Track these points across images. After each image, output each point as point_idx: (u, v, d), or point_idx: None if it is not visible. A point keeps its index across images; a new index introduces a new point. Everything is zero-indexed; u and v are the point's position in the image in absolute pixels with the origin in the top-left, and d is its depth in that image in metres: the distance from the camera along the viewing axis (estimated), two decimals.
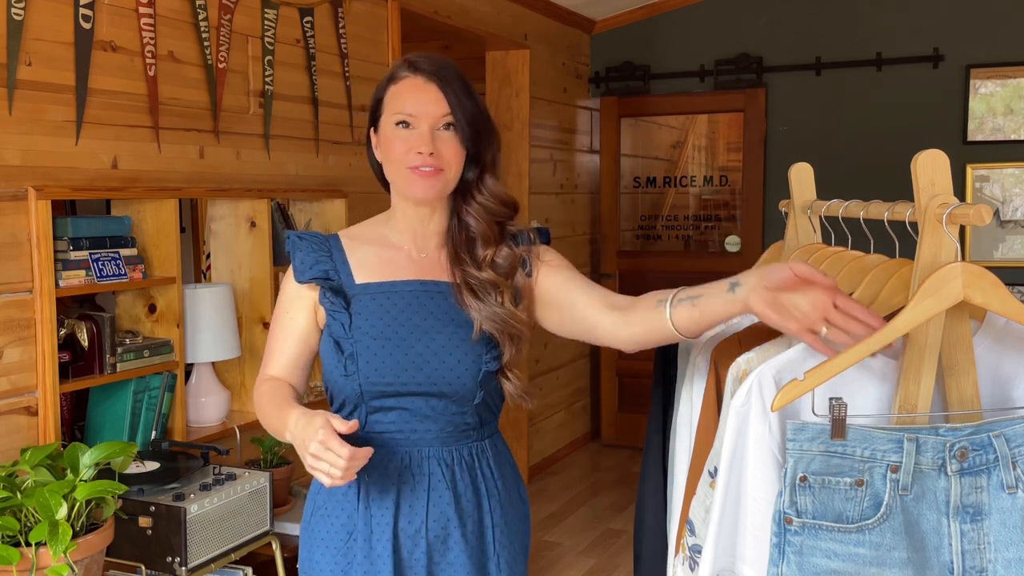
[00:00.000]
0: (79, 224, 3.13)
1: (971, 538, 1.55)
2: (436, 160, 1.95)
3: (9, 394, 2.87)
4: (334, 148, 4.26)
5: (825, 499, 1.59)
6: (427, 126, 1.95)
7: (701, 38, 6.72)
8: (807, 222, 2.59)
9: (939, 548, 1.57)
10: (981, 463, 1.57)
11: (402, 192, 2.02)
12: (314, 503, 2.08)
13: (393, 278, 2.02)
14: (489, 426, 2.09)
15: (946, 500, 1.58)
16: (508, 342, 1.99)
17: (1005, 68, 5.95)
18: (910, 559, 1.56)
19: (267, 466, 3.53)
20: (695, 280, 1.95)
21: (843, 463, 1.60)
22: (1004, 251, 6.02)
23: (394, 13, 4.68)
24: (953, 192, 1.83)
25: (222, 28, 3.61)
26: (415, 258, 2.06)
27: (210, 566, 2.92)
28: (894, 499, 1.58)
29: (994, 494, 1.56)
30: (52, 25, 2.97)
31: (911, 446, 1.58)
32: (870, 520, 1.58)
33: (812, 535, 1.59)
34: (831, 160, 6.19)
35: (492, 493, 2.06)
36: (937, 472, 1.58)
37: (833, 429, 1.60)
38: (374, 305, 1.99)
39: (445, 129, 1.97)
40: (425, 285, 2.02)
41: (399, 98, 1.99)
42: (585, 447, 7.20)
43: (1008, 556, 1.54)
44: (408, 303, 1.99)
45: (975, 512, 1.56)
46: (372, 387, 1.94)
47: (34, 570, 2.34)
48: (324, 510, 2.04)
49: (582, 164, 6.98)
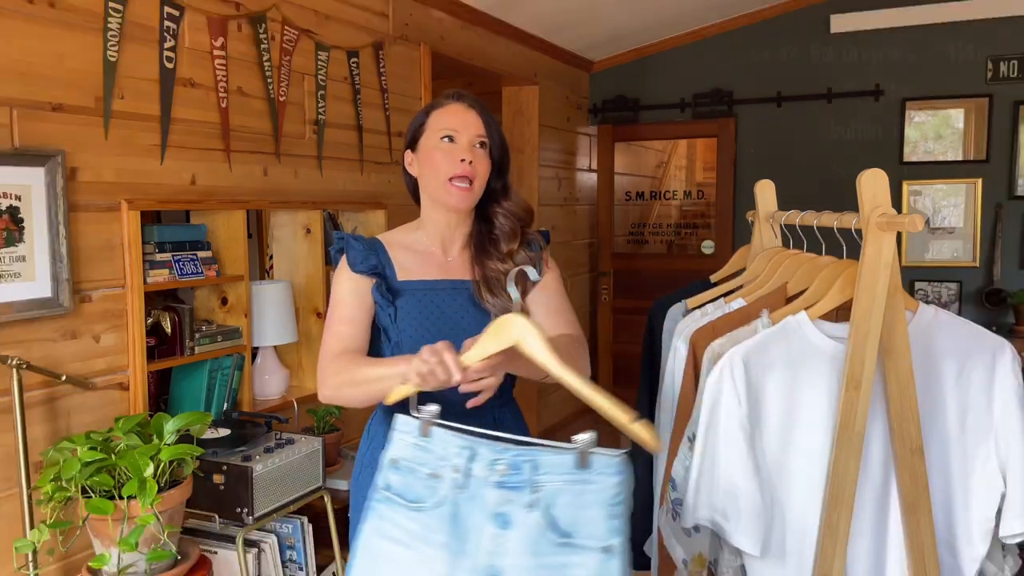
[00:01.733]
0: (163, 231, 3.14)
1: (498, 542, 1.56)
2: (472, 170, 1.97)
3: (105, 372, 2.87)
4: (375, 168, 4.25)
5: (408, 480, 1.63)
6: (467, 140, 1.99)
7: (682, 76, 6.70)
8: (770, 229, 2.58)
9: (474, 543, 1.57)
10: (514, 482, 1.58)
11: (440, 201, 2.02)
12: (361, 462, 2.09)
13: (428, 277, 2.03)
14: (506, 395, 2.09)
15: (487, 506, 1.58)
16: None
17: (935, 101, 5.93)
18: (447, 544, 1.58)
19: (320, 432, 3.53)
20: (677, 276, 1.95)
21: (425, 456, 1.64)
22: (933, 253, 6.01)
23: (426, 55, 4.68)
24: (891, 204, 1.82)
25: (283, 67, 3.60)
26: (443, 260, 2.07)
27: (272, 516, 2.92)
28: (450, 494, 1.60)
29: (519, 509, 1.56)
30: (141, 65, 2.97)
31: (470, 454, 1.61)
32: (426, 504, 1.61)
33: (390, 505, 1.63)
34: (790, 177, 6.15)
35: None
36: (485, 481, 1.59)
37: (421, 428, 1.65)
38: (414, 300, 1.99)
39: (479, 147, 2.01)
40: (454, 284, 2.03)
41: (444, 118, 2.02)
42: (585, 416, 7.14)
43: (520, 563, 1.54)
44: (442, 299, 2.00)
45: (504, 521, 1.57)
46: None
47: (126, 519, 2.34)
48: (370, 468, 2.03)
49: (582, 181, 6.97)
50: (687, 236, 7.14)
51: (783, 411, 1.90)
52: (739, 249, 2.76)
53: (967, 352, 1.92)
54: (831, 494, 1.85)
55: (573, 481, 1.55)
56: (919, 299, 3.18)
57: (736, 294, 2.33)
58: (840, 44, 6.13)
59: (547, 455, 1.58)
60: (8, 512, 2.58)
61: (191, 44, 3.17)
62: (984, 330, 1.96)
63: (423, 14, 4.67)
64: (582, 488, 1.54)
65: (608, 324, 7.10)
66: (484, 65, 5.39)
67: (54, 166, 2.65)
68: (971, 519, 1.95)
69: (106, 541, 2.40)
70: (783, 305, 2.15)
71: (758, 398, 1.89)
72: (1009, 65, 5.72)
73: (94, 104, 2.81)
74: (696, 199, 7.14)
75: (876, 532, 1.96)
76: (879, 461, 1.93)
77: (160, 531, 2.39)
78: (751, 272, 2.49)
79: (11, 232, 2.56)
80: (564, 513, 1.54)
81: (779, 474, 1.92)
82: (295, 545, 3.15)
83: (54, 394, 2.72)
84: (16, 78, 2.58)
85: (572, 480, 1.55)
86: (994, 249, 5.81)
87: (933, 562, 1.90)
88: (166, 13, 3.05)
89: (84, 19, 2.78)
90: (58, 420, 2.73)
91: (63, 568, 2.72)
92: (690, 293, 2.60)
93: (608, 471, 1.55)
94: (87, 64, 2.79)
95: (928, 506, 1.89)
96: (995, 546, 1.99)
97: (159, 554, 2.39)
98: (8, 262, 2.56)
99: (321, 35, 3.86)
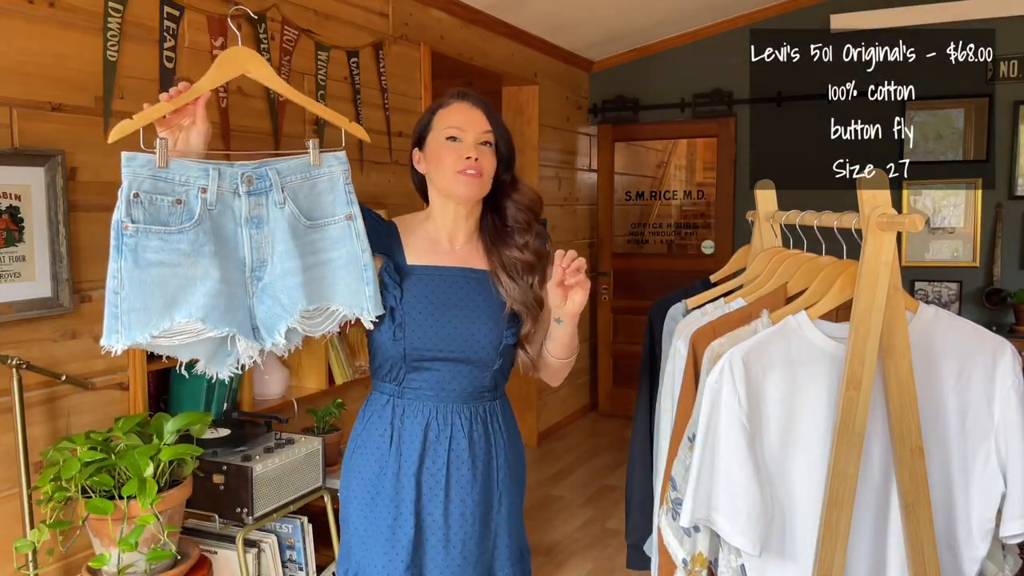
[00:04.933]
0: None
1: (256, 240, 1.86)
2: (479, 166, 2.00)
3: (105, 372, 2.87)
4: (376, 167, 4.25)
5: (153, 212, 1.76)
6: (472, 138, 2.02)
7: (682, 76, 6.70)
8: (770, 229, 2.58)
9: (237, 246, 1.84)
10: (261, 188, 1.86)
11: (451, 193, 2.04)
12: (355, 443, 2.11)
13: (438, 263, 2.06)
14: (500, 389, 2.12)
15: (240, 214, 1.85)
16: (530, 319, 2.05)
17: (935, 101, 5.93)
18: (217, 252, 1.80)
19: (320, 432, 3.53)
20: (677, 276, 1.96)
21: (166, 186, 1.78)
22: (933, 253, 6.01)
23: (425, 55, 4.68)
24: (891, 204, 1.82)
25: (283, 67, 3.61)
26: (452, 249, 2.09)
27: (272, 515, 2.92)
28: (204, 212, 1.80)
29: (271, 209, 1.86)
30: (141, 65, 2.97)
31: (215, 174, 1.82)
32: (187, 225, 1.78)
33: (144, 237, 1.74)
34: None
35: (499, 443, 2.09)
36: (233, 194, 1.84)
37: (158, 159, 1.77)
38: (421, 284, 2.02)
39: (484, 145, 2.03)
40: (464, 271, 2.06)
41: (449, 117, 2.05)
42: (585, 416, 7.18)
43: (280, 249, 1.84)
44: (449, 285, 2.03)
45: (258, 222, 1.86)
46: (414, 351, 1.98)
47: (126, 519, 2.35)
48: (363, 448, 2.07)
49: (582, 181, 6.97)
50: (687, 236, 7.14)
51: (783, 411, 1.90)
52: (739, 249, 2.76)
53: (967, 352, 1.92)
54: (831, 494, 1.85)
55: (310, 177, 1.91)
56: (919, 299, 3.18)
57: (736, 294, 2.33)
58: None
59: (285, 162, 1.89)
60: (8, 512, 2.58)
61: (191, 44, 3.17)
62: (984, 330, 1.96)
63: (423, 14, 4.67)
64: (316, 180, 1.92)
65: (608, 324, 7.11)
66: (484, 65, 5.39)
67: (54, 166, 2.65)
68: (971, 519, 1.95)
69: (106, 541, 2.40)
70: (783, 305, 2.15)
71: (758, 398, 1.88)
72: (1009, 65, 5.72)
73: (94, 104, 2.82)
74: (696, 199, 7.14)
75: (876, 532, 1.96)
76: (879, 461, 1.93)
77: (160, 531, 2.39)
78: (751, 272, 2.48)
79: (11, 232, 2.57)
80: (309, 202, 1.91)
81: (779, 474, 1.92)
82: (295, 545, 3.15)
83: (54, 394, 2.72)
84: (16, 78, 2.58)
85: (309, 176, 1.91)
86: (994, 249, 5.81)
87: (933, 562, 1.90)
88: (166, 13, 3.05)
89: (84, 19, 2.78)
90: (58, 420, 2.74)
91: (63, 568, 2.72)
92: (690, 293, 2.59)
93: (336, 163, 1.94)
94: (87, 64, 2.80)
95: (928, 506, 1.89)
96: (995, 546, 1.99)
97: (159, 554, 2.39)
98: (8, 262, 2.56)
99: (321, 35, 3.86)
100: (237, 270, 1.84)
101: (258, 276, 1.86)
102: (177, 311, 1.75)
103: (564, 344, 2.05)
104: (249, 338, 1.83)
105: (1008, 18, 5.70)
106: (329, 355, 3.84)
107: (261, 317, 1.86)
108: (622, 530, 4.64)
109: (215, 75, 1.90)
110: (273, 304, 1.85)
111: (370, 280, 1.92)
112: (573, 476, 5.71)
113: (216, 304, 1.77)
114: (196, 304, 1.76)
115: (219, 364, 1.87)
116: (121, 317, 1.72)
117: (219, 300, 1.78)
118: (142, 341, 1.74)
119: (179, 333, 1.77)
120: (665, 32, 6.55)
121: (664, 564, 2.19)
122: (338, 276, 1.91)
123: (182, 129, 1.86)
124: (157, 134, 1.81)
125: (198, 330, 1.77)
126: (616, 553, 4.41)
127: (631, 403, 7.17)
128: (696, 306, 2.48)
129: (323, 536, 3.31)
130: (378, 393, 2.09)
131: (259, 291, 1.86)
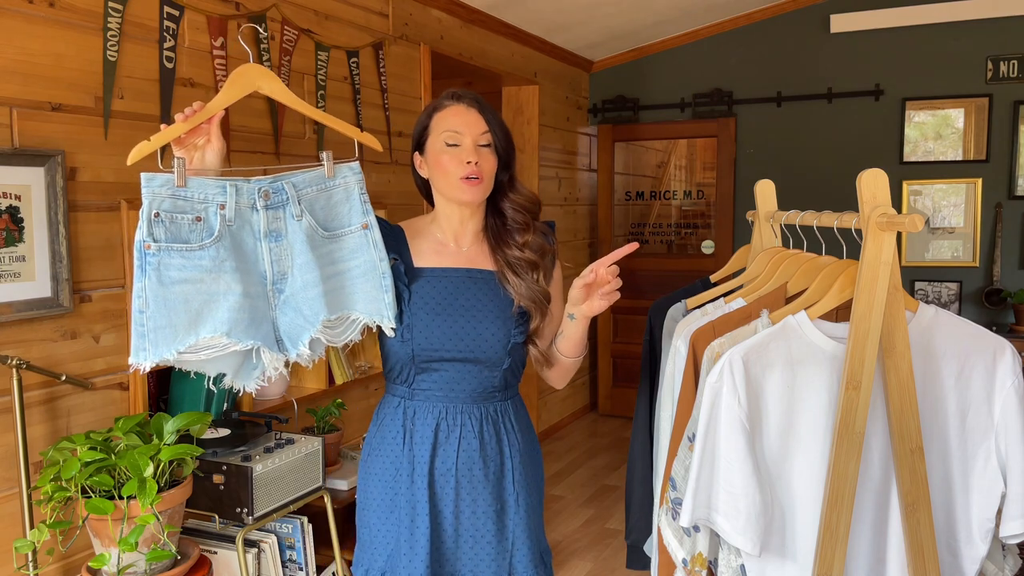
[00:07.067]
0: None
1: (276, 253, 1.89)
2: (479, 170, 2.00)
3: (105, 372, 2.87)
4: (375, 167, 4.25)
5: (174, 230, 1.79)
6: (470, 141, 2.02)
7: (681, 76, 6.71)
8: (770, 229, 2.58)
9: (257, 261, 1.88)
10: (278, 201, 1.89)
11: (453, 198, 2.05)
12: (370, 446, 2.12)
13: (444, 265, 2.07)
14: (511, 389, 2.13)
15: (259, 228, 1.88)
16: (538, 314, 2.05)
17: (934, 101, 5.94)
18: (238, 267, 1.82)
19: (320, 432, 3.53)
20: (677, 276, 1.97)
21: (185, 204, 1.81)
22: (933, 253, 6.01)
23: (425, 55, 4.68)
24: (891, 204, 1.82)
25: (283, 67, 3.61)
26: (458, 251, 2.10)
27: (272, 516, 2.92)
28: (223, 228, 1.83)
29: (288, 222, 1.89)
30: (141, 65, 2.97)
31: (232, 190, 1.84)
32: (208, 241, 1.81)
33: (166, 255, 1.78)
34: (790, 177, 6.17)
35: (512, 444, 2.09)
36: (251, 209, 1.87)
37: (177, 178, 1.79)
38: (428, 286, 2.03)
39: (483, 146, 2.03)
40: (471, 272, 2.07)
41: (445, 120, 2.04)
42: (585, 416, 7.18)
43: (299, 261, 1.88)
44: (456, 286, 2.04)
45: (277, 235, 1.89)
46: (422, 352, 1.99)
47: (126, 519, 2.35)
48: (378, 451, 2.09)
49: (582, 181, 6.97)
50: (687, 236, 7.14)
51: (783, 411, 1.90)
52: (739, 249, 2.76)
53: (967, 352, 1.92)
54: (831, 494, 1.85)
55: (325, 188, 1.95)
56: (919, 299, 3.18)
57: (736, 294, 2.33)
58: (840, 44, 6.13)
59: (300, 175, 1.92)
60: (8, 512, 2.58)
61: (191, 44, 3.17)
62: (984, 330, 1.96)
63: (423, 14, 4.67)
64: (332, 191, 1.95)
65: (608, 324, 7.10)
66: (484, 65, 5.39)
67: (54, 166, 2.65)
68: (971, 519, 1.95)
69: (106, 541, 2.40)
70: (783, 305, 2.15)
71: (758, 398, 1.88)
72: (1009, 65, 5.72)
73: (94, 104, 2.82)
74: (696, 199, 7.14)
75: (876, 532, 1.96)
76: (879, 461, 1.93)
77: (160, 531, 2.39)
78: (751, 272, 2.48)
79: (11, 232, 2.56)
80: (326, 213, 1.94)
81: (779, 474, 1.92)
82: (295, 545, 3.15)
83: (54, 394, 2.72)
84: (16, 78, 2.58)
85: (324, 188, 1.94)
86: (994, 249, 5.81)
87: (933, 562, 1.90)
88: (166, 13, 3.05)
89: (84, 19, 2.78)
90: (58, 420, 2.74)
91: (63, 568, 2.72)
92: (690, 293, 2.59)
93: (350, 174, 1.98)
94: (87, 64, 2.79)
95: (928, 506, 1.89)
96: (995, 546, 1.99)
97: (159, 554, 2.39)
98: (8, 262, 2.56)
99: (321, 35, 3.86)
100: (259, 284, 1.87)
101: (279, 289, 1.89)
102: (202, 326, 1.78)
103: (575, 342, 2.06)
104: (274, 350, 1.87)
105: (1007, 18, 5.70)
106: (329, 355, 3.84)
107: (285, 329, 1.89)
108: (622, 530, 4.65)
109: (228, 94, 1.90)
110: (296, 315, 1.88)
111: (388, 288, 1.95)
112: (573, 476, 5.71)
113: (240, 318, 1.80)
114: (220, 319, 1.78)
115: (246, 377, 1.90)
116: (147, 335, 1.75)
117: (243, 314, 1.80)
118: (169, 357, 1.76)
119: (205, 348, 1.80)
120: (665, 32, 6.55)
121: (664, 564, 2.19)
122: (357, 285, 1.94)
123: (197, 148, 1.88)
124: (173, 154, 1.84)
125: (223, 344, 1.79)
126: (616, 553, 4.41)
127: (631, 403, 7.19)
128: (696, 306, 2.48)
129: (323, 536, 3.31)
130: (390, 396, 2.11)
131: (281, 303, 1.89)
